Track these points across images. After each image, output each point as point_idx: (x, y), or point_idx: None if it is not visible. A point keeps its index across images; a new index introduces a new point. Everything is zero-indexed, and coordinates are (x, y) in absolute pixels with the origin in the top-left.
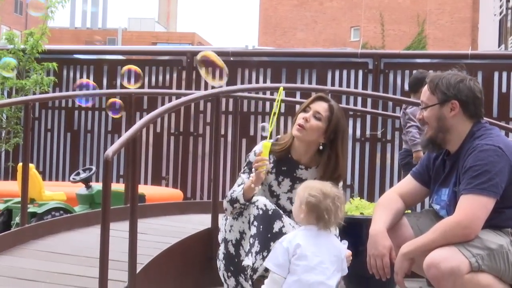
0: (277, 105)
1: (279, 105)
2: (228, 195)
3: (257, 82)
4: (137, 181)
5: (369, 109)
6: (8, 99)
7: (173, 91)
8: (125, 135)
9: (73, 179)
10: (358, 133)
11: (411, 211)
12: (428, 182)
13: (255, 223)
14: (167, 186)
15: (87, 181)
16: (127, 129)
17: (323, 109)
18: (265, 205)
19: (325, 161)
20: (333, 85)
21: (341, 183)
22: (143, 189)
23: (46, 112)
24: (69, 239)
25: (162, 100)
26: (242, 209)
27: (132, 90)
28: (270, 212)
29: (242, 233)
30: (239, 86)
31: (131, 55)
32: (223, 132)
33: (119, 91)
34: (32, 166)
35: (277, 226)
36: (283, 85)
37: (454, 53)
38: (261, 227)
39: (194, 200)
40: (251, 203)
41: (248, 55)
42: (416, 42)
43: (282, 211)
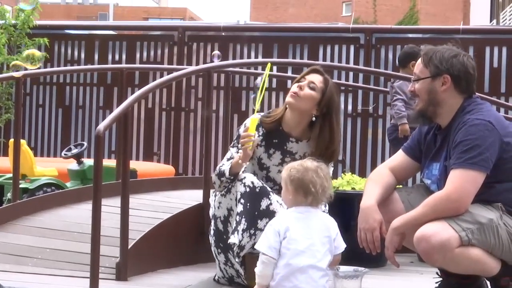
0: (264, 80)
1: (265, 80)
2: (216, 169)
3: (248, 57)
4: (129, 157)
5: (360, 84)
6: None
7: (165, 66)
8: (117, 111)
9: (65, 154)
10: (349, 108)
11: (402, 186)
12: (419, 157)
13: (242, 201)
14: (159, 161)
15: (78, 157)
16: (119, 105)
17: (318, 80)
18: (252, 182)
19: (317, 134)
20: (324, 60)
21: (331, 163)
22: (134, 164)
23: (37, 87)
24: (61, 215)
25: (153, 75)
26: (228, 184)
27: (123, 65)
28: (257, 189)
29: (229, 210)
30: (231, 61)
31: (123, 31)
32: (214, 107)
33: (110, 66)
34: (23, 142)
35: (264, 203)
36: (273, 60)
37: (445, 28)
38: (248, 204)
39: (185, 175)
40: (238, 180)
41: (239, 30)
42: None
43: (272, 184)
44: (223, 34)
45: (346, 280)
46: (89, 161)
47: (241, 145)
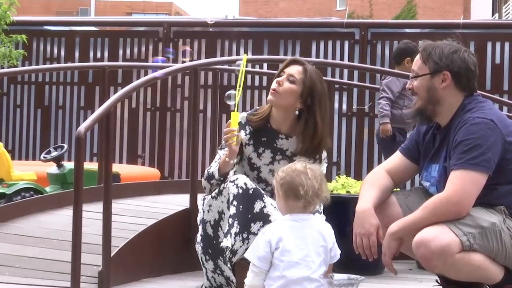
0: (241, 76)
1: (242, 74)
2: (205, 172)
3: (237, 54)
4: (111, 160)
5: (355, 82)
6: None
7: (149, 64)
8: (99, 111)
9: (44, 157)
10: (344, 107)
11: (400, 189)
12: (417, 158)
13: (235, 203)
14: (143, 164)
15: (58, 160)
16: (101, 105)
17: (297, 72)
18: (245, 184)
19: (303, 128)
20: (317, 56)
21: (324, 154)
22: (117, 168)
23: (15, 87)
24: (40, 221)
25: (137, 73)
26: (219, 185)
27: (105, 63)
28: (250, 191)
29: (221, 213)
30: (219, 58)
31: (105, 26)
32: (202, 107)
33: (92, 64)
34: (0, 144)
35: (258, 206)
36: (265, 57)
37: (445, 22)
38: (241, 207)
39: (171, 179)
40: (230, 181)
41: (228, 26)
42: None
43: (264, 185)
44: (211, 29)
45: None
46: (69, 165)
47: (225, 141)
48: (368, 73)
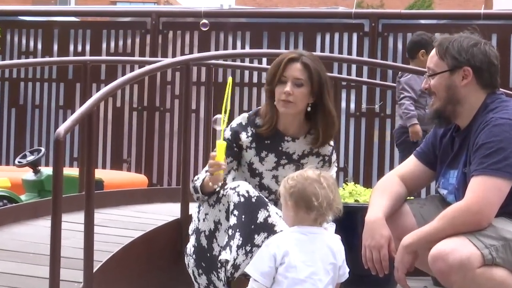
0: (226, 100)
1: (227, 98)
2: (193, 180)
3: (233, 47)
4: (94, 165)
5: (365, 79)
6: None
7: (136, 58)
8: (79, 110)
9: (19, 162)
10: (352, 106)
11: (414, 198)
12: (434, 163)
13: (236, 212)
14: (129, 170)
15: (35, 165)
16: (82, 104)
17: (299, 72)
18: (248, 192)
19: (318, 119)
20: (322, 50)
21: (334, 156)
22: (100, 174)
23: None
24: (15, 232)
25: (122, 69)
26: (206, 200)
27: (87, 57)
28: (253, 199)
29: (217, 224)
30: (213, 52)
31: (86, 17)
32: (194, 106)
33: (72, 59)
34: None
35: (261, 215)
36: (264, 50)
37: (464, 12)
38: (243, 217)
39: (160, 186)
40: (231, 188)
41: (223, 16)
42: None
43: (267, 193)
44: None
45: None
46: (47, 170)
47: (209, 172)
48: (379, 69)
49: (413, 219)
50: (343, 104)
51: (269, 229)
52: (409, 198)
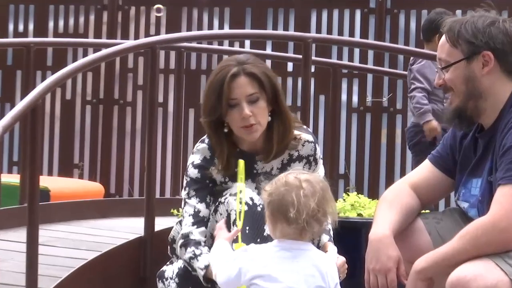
0: (240, 202)
1: (242, 205)
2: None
3: (210, 27)
4: (39, 171)
5: (370, 66)
6: None
7: (90, 40)
8: (21, 104)
9: None
10: (354, 100)
11: (429, 212)
12: (453, 169)
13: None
14: (82, 177)
15: None
16: (24, 96)
17: (249, 86)
18: (252, 199)
19: (277, 130)
20: (319, 31)
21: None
22: (46, 181)
23: None
24: None
25: (74, 53)
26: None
27: (31, 39)
28: (258, 208)
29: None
30: (184, 33)
31: None
32: (161, 99)
33: (12, 40)
34: None
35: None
36: (247, 31)
37: None
38: (247, 228)
39: (120, 197)
40: (230, 195)
41: None
42: None
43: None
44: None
45: None
46: None
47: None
48: (387, 53)
49: (427, 238)
50: (344, 96)
51: None
52: (423, 212)
